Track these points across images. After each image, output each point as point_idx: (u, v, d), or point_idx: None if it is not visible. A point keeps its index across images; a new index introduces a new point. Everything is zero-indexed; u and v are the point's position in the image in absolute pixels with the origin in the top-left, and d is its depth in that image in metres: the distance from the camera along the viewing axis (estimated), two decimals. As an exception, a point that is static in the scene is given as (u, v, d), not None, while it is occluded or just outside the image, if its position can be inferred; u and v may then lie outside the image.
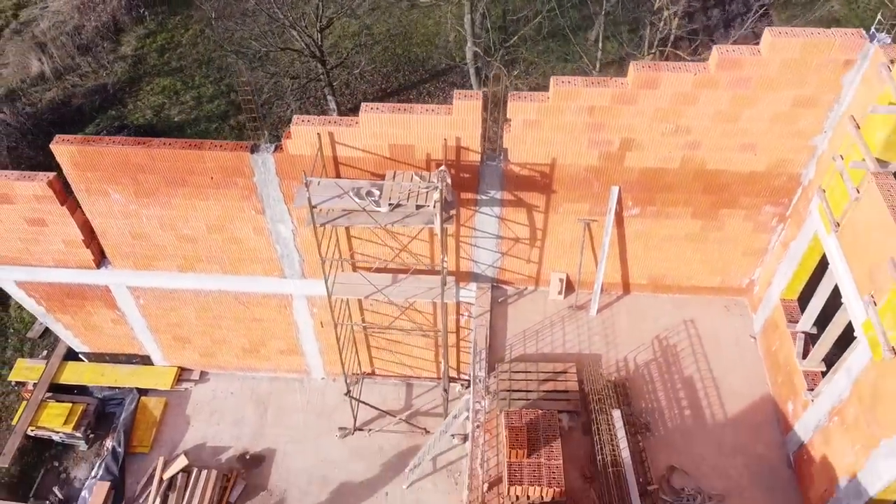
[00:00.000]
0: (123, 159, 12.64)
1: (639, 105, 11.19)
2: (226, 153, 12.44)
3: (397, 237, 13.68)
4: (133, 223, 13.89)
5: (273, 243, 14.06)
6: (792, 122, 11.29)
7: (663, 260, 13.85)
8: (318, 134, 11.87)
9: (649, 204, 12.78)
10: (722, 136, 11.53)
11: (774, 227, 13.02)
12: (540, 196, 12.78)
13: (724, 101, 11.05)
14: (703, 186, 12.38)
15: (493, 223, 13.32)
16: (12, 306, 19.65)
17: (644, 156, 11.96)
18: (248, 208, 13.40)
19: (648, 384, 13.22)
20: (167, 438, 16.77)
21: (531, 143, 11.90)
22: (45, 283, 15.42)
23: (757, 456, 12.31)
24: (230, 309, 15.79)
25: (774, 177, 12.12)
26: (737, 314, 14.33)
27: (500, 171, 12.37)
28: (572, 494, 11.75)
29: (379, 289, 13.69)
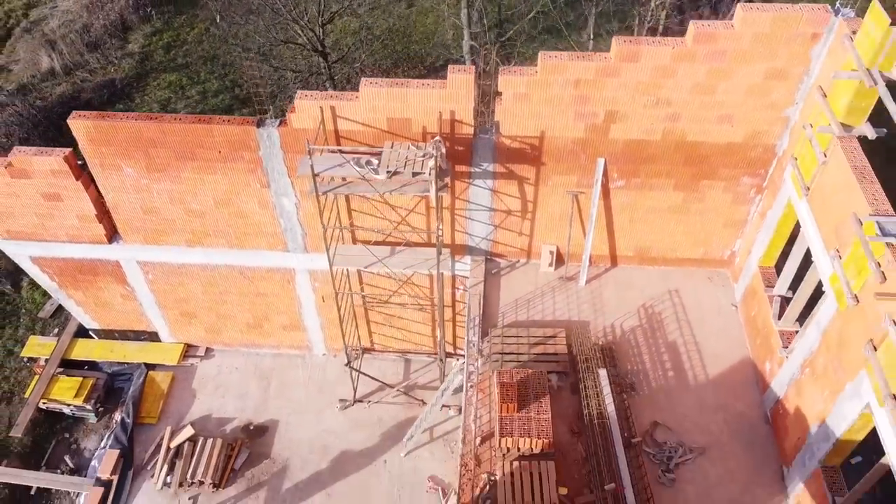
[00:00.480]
0: (136, 134, 13.37)
1: (621, 78, 11.93)
2: (233, 127, 13.17)
3: (396, 210, 14.39)
4: (144, 198, 14.61)
5: (277, 217, 14.77)
6: (765, 95, 12.03)
7: (648, 232, 14.55)
8: (321, 108, 12.62)
9: (633, 176, 13.50)
10: (700, 108, 12.27)
11: (752, 199, 13.73)
12: (530, 168, 13.51)
13: (701, 74, 11.79)
14: (683, 158, 13.10)
15: (486, 196, 14.04)
16: (24, 287, 20.35)
17: (628, 128, 12.69)
18: (253, 182, 14.12)
19: (634, 348, 13.89)
20: (174, 410, 17.41)
21: (521, 116, 12.63)
22: (58, 259, 16.11)
23: (736, 413, 12.97)
24: (235, 284, 16.47)
25: (751, 148, 12.85)
26: (719, 285, 15.02)
27: (492, 143, 13.10)
28: (560, 447, 12.40)
29: (378, 258, 14.40)
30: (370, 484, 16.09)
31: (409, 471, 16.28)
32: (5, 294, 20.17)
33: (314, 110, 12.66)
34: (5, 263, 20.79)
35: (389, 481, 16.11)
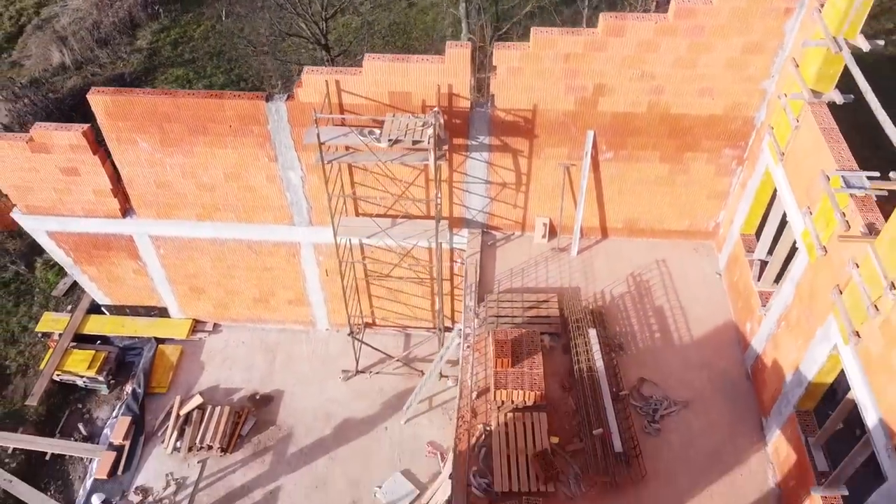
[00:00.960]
0: (152, 108, 14.17)
1: (608, 52, 12.74)
2: (243, 101, 13.97)
3: (396, 183, 15.16)
4: (158, 172, 15.39)
5: (284, 191, 15.54)
6: (743, 68, 12.83)
7: (636, 204, 15.32)
8: (326, 81, 13.42)
9: (621, 148, 14.29)
10: (682, 81, 13.08)
11: (734, 170, 14.52)
12: (524, 141, 14.30)
13: (682, 48, 12.60)
14: (668, 130, 13.90)
15: (483, 168, 14.82)
16: (38, 268, 21.09)
17: (615, 101, 13.49)
18: (262, 156, 14.90)
19: (622, 312, 14.63)
20: (183, 381, 18.13)
21: (515, 89, 13.44)
22: (74, 234, 16.87)
23: (719, 371, 13.70)
24: (243, 258, 17.22)
25: (731, 120, 13.65)
26: (704, 255, 15.78)
27: (487, 116, 13.90)
28: (552, 401, 13.12)
29: (381, 228, 15.17)
30: (372, 449, 16.77)
31: (409, 437, 16.97)
32: (20, 274, 20.91)
33: (320, 84, 13.46)
34: (19, 245, 21.60)
35: (390, 447, 16.80)
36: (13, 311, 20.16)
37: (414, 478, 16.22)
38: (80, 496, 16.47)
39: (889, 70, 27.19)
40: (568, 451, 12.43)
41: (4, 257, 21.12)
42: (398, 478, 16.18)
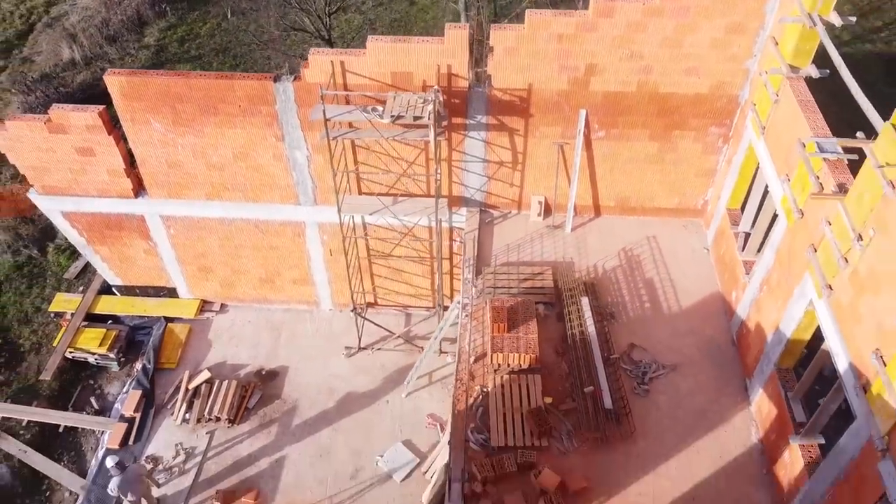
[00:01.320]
0: (165, 89, 14.87)
1: (599, 32, 13.46)
2: (252, 82, 14.68)
3: (398, 162, 15.85)
4: (170, 152, 16.08)
5: (290, 170, 16.22)
6: (727, 48, 13.55)
7: (628, 182, 16.01)
8: (332, 62, 14.13)
9: (612, 127, 14.99)
10: (669, 61, 13.79)
11: (720, 148, 15.21)
12: (519, 120, 15.00)
13: (669, 29, 13.32)
14: (657, 109, 14.60)
15: (480, 147, 15.52)
16: (50, 251, 21.77)
17: (606, 80, 14.20)
18: (269, 136, 15.60)
19: (614, 284, 15.29)
20: (191, 357, 18.76)
21: (511, 69, 14.15)
22: (87, 214, 17.53)
23: (706, 337, 14.35)
24: (250, 237, 17.89)
25: (716, 99, 14.36)
26: (693, 232, 16.46)
27: (485, 96, 14.61)
28: (546, 365, 13.76)
29: (385, 205, 15.86)
30: (373, 421, 17.39)
31: (410, 410, 17.58)
32: (32, 258, 21.57)
33: (326, 65, 14.16)
34: (32, 230, 22.29)
35: (391, 419, 17.41)
36: (26, 293, 20.82)
37: (414, 447, 16.82)
38: (92, 464, 17.07)
39: (878, 68, 27.99)
40: (561, 410, 13.07)
41: (18, 242, 21.78)
42: (399, 447, 16.79)
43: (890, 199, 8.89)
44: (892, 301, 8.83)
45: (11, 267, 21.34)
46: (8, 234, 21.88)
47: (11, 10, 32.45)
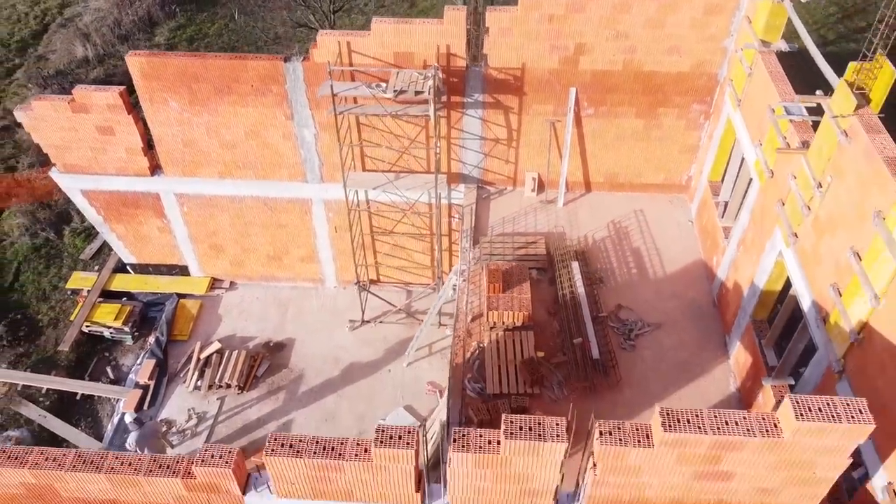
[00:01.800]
0: (183, 69, 15.90)
1: (587, 13, 14.51)
2: (264, 62, 15.72)
3: (400, 140, 16.85)
4: (185, 130, 17.08)
5: (298, 148, 17.22)
6: (706, 28, 14.60)
7: (616, 158, 17.01)
8: (339, 42, 15.18)
9: (601, 104, 16.02)
10: (652, 40, 14.83)
11: (702, 124, 16.23)
12: (514, 98, 16.02)
13: (651, 9, 14.36)
14: (641, 87, 15.63)
15: (477, 125, 16.54)
16: (66, 234, 22.72)
17: (594, 59, 15.24)
18: (279, 115, 16.61)
19: (603, 253, 16.26)
20: (202, 330, 19.68)
21: (505, 49, 15.19)
22: (106, 192, 18.51)
23: (689, 300, 15.29)
24: (259, 215, 18.86)
25: (697, 77, 15.39)
26: (678, 206, 17.45)
27: (481, 75, 15.64)
28: (539, 323, 14.69)
29: (387, 180, 16.84)
30: (376, 389, 18.28)
31: (411, 379, 18.48)
32: (49, 240, 22.52)
33: (333, 45, 15.20)
34: (49, 214, 23.25)
35: (393, 387, 18.31)
36: (44, 273, 21.75)
37: (415, 412, 17.70)
38: (108, 429, 17.94)
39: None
40: (552, 363, 13.98)
41: (35, 225, 22.74)
42: (401, 412, 17.67)
43: (843, 147, 9.88)
44: (847, 239, 9.79)
45: (29, 249, 22.29)
46: (26, 218, 22.84)
47: (26, 11, 33.61)
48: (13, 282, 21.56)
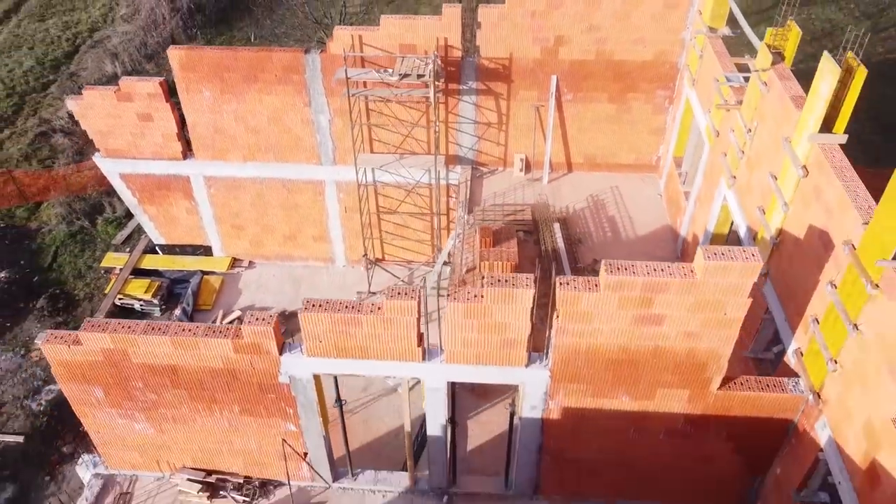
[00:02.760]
0: (216, 61, 18.37)
1: (564, 9, 17.03)
2: (287, 54, 18.20)
3: (404, 124, 19.24)
4: (216, 118, 19.48)
5: (314, 132, 19.61)
6: (665, 20, 17.09)
7: (593, 140, 19.38)
8: (352, 35, 17.68)
9: (578, 90, 18.45)
10: (620, 31, 17.32)
11: (666, 108, 18.64)
12: (503, 85, 18.47)
13: (618, 4, 16.89)
14: (612, 75, 18.07)
15: (471, 110, 18.95)
16: (99, 223, 25.01)
17: (571, 50, 17.71)
18: (299, 102, 19.02)
19: (582, 219, 18.51)
20: (224, 302, 21.80)
21: (495, 41, 17.68)
22: (141, 175, 20.83)
23: (657, 257, 17.37)
24: (278, 196, 21.14)
25: (660, 65, 17.85)
26: (649, 184, 19.76)
27: (475, 64, 18.11)
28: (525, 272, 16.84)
29: (395, 159, 19.19)
30: (381, 350, 20.29)
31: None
32: (84, 228, 24.81)
33: (347, 38, 17.70)
34: (84, 205, 25.58)
35: (397, 348, 20.32)
36: (80, 255, 23.97)
37: (416, 368, 19.69)
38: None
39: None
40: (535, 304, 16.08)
41: (71, 215, 25.05)
42: (403, 368, 19.65)
43: (764, 95, 12.22)
44: (768, 168, 12.05)
45: (66, 235, 24.55)
46: (63, 209, 25.17)
47: (59, 34, 36.50)
48: (51, 263, 23.78)
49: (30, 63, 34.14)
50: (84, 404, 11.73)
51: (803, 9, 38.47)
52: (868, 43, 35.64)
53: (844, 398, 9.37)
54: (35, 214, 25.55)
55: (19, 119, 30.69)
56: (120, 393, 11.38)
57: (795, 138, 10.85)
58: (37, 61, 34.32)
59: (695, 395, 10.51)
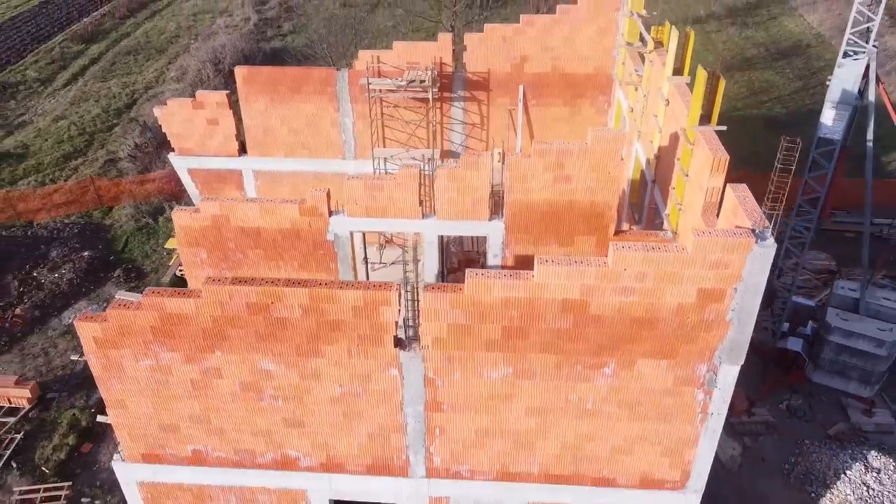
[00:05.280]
0: (270, 76, 24.70)
1: (527, 35, 23.44)
2: (324, 70, 24.56)
3: (409, 125, 25.35)
4: (265, 121, 25.64)
5: (341, 132, 25.70)
6: (601, 42, 23.47)
7: (552, 135, 25.40)
8: (371, 56, 24.07)
9: (540, 97, 24.66)
10: (569, 51, 23.68)
11: (607, 110, 24.79)
12: (484, 93, 24.71)
13: (566, 31, 23.30)
14: (565, 84, 24.32)
15: (460, 113, 25.12)
16: (160, 220, 30.83)
17: (532, 65, 24.03)
18: (330, 108, 25.21)
19: (544, 192, 24.27)
20: (265, 271, 27.26)
21: (477, 59, 24.03)
22: (204, 170, 26.77)
23: (599, 214, 23.13)
24: (310, 187, 26.88)
25: (600, 76, 24.11)
26: (597, 170, 25.63)
27: (462, 77, 24.41)
28: (499, 223, 22.53)
29: (403, 151, 25.20)
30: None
31: (415, 298, 25.86)
32: (148, 224, 30.64)
33: (368, 57, 24.08)
34: (147, 208, 31.49)
35: (402, 302, 25.69)
36: (146, 243, 29.65)
37: (417, 314, 25.02)
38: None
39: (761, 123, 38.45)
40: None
41: (138, 214, 30.92)
42: (407, 313, 24.95)
43: (650, 69, 18.31)
44: (652, 113, 17.93)
45: (134, 229, 30.33)
46: (132, 210, 31.07)
47: (119, 91, 43.56)
48: (124, 247, 29.42)
49: (97, 111, 40.96)
50: (193, 266, 17.09)
51: (746, 72, 45.85)
52: (798, 97, 42.77)
53: (684, 223, 14.83)
54: (108, 215, 31.42)
55: (90, 150, 37.11)
56: (218, 254, 16.76)
57: (663, 84, 16.81)
58: (102, 109, 41.14)
59: (599, 241, 15.92)
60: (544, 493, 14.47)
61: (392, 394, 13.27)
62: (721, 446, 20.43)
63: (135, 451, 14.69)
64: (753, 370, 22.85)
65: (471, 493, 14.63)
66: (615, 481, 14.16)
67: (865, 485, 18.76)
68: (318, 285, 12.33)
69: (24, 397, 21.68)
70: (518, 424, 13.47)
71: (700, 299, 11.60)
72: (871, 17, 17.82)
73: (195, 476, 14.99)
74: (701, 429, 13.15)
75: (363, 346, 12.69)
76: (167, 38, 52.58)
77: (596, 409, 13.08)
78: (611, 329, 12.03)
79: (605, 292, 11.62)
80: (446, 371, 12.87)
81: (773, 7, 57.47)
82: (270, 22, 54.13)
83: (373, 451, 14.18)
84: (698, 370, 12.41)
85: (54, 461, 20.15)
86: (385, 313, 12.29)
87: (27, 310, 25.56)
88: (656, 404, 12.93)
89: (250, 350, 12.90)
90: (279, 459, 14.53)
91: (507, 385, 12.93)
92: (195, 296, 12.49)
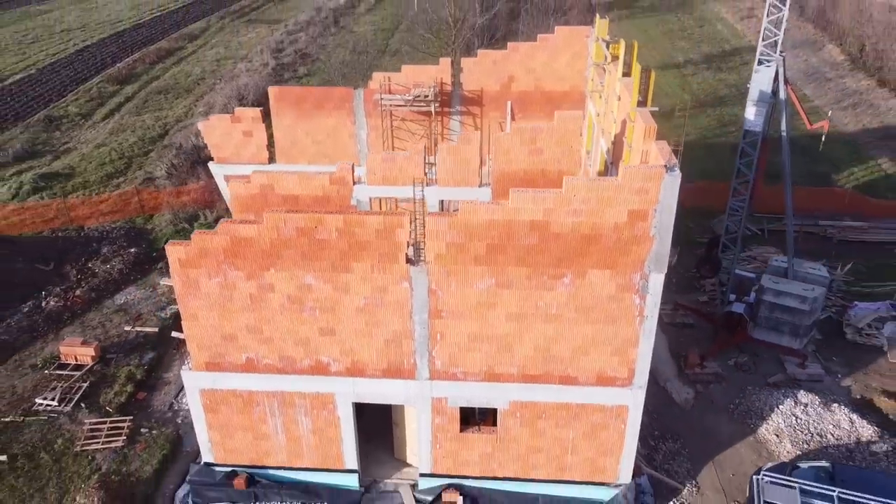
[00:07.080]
0: (298, 94, 29.45)
1: (513, 59, 28.26)
2: (343, 89, 29.31)
3: (415, 135, 29.93)
4: (292, 133, 30.26)
5: (356, 143, 30.29)
6: (574, 64, 28.26)
7: (537, 146, 29.97)
8: (384, 77, 28.83)
9: (525, 112, 29.31)
10: (548, 73, 28.44)
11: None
12: (477, 108, 29.39)
13: (546, 56, 28.11)
14: (545, 101, 29.00)
15: (458, 125, 29.76)
16: (196, 225, 35.17)
17: (518, 84, 28.77)
18: (348, 122, 29.87)
19: (529, 189, 28.71)
20: (288, 263, 31.47)
21: (472, 79, 28.79)
22: (236, 176, 31.23)
23: (574, 206, 27.52)
24: (329, 190, 31.42)
25: (574, 94, 28.82)
26: (575, 174, 30.15)
27: (460, 94, 29.13)
28: (490, 212, 26.90)
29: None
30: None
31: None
32: (186, 228, 34.98)
33: (381, 78, 28.84)
34: (183, 215, 35.88)
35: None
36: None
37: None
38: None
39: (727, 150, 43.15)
40: (496, 224, 25.97)
41: (177, 220, 35.27)
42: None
43: (610, 76, 22.94)
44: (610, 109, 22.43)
45: (172, 232, 34.65)
46: (171, 216, 35.46)
47: (152, 123, 48.56)
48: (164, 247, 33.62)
49: (133, 139, 45.85)
50: (241, 228, 21.37)
51: (717, 108, 50.99)
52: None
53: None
54: (149, 221, 35.80)
55: (129, 171, 41.76)
56: (263, 218, 21.06)
57: (617, 84, 21.37)
58: (138, 138, 46.02)
59: (566, 203, 20.22)
60: (522, 392, 18.36)
61: (404, 303, 17.33)
62: (677, 391, 24.39)
63: (200, 359, 18.66)
64: (705, 334, 26.89)
65: (464, 393, 18.52)
66: (577, 380, 18.08)
67: (795, 416, 22.57)
68: (350, 212, 16.60)
69: (89, 355, 25.62)
70: (500, 329, 17.48)
71: (630, 219, 15.81)
72: (777, 32, 22.64)
73: (246, 382, 18.90)
74: (640, 329, 17.17)
75: (382, 262, 16.83)
76: (193, 80, 58.03)
77: (559, 313, 17.13)
78: (567, 244, 16.19)
79: (561, 213, 15.83)
80: (445, 283, 16.96)
81: (745, 55, 63.14)
82: (287, 66, 59.68)
83: (388, 355, 18.15)
84: (634, 278, 16.52)
85: (116, 403, 23.97)
86: (399, 234, 16.48)
87: (85, 292, 29.67)
88: (604, 309, 16.98)
89: (297, 267, 17.04)
90: (314, 365, 18.48)
91: (491, 294, 17.00)
92: (258, 222, 16.72)
